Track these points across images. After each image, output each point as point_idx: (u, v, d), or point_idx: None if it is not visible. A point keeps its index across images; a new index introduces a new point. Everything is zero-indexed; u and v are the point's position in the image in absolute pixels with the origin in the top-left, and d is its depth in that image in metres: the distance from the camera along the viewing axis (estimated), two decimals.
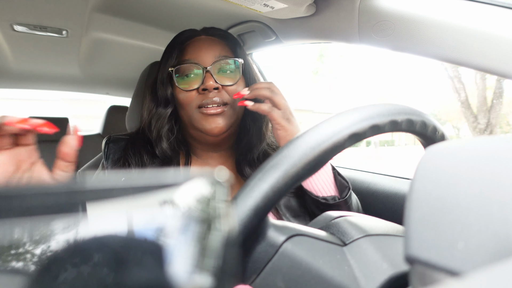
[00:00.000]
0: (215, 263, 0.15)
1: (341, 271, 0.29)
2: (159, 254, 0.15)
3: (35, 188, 0.14)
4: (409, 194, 0.21)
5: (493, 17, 0.54)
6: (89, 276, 0.14)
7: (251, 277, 0.30)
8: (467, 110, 7.31)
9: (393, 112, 0.32)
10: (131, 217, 0.15)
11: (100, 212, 0.15)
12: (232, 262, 0.16)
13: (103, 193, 0.15)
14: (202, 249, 0.15)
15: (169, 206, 0.16)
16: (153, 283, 0.14)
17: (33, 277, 0.13)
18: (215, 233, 0.15)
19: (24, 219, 0.14)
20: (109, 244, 0.14)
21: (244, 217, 0.28)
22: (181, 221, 0.15)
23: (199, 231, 0.15)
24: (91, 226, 0.14)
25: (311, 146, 0.30)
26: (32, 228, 0.14)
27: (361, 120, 0.31)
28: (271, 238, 0.30)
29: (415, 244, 0.19)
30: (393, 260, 0.30)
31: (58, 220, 0.14)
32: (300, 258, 0.29)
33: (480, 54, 0.55)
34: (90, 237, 0.14)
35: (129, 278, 0.14)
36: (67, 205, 0.14)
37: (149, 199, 0.16)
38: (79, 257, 0.14)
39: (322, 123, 0.32)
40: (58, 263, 0.14)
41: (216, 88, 0.65)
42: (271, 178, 0.29)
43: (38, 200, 0.14)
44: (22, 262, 0.13)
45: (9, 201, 0.13)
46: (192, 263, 0.15)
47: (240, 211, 0.28)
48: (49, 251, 0.14)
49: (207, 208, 0.16)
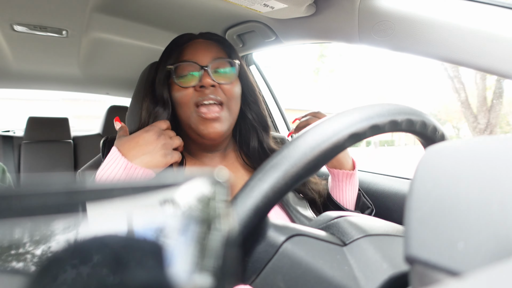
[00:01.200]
0: (215, 263, 0.15)
1: (341, 271, 0.29)
2: (159, 254, 0.15)
3: (35, 188, 0.14)
4: (409, 194, 0.21)
5: (493, 17, 0.54)
6: (89, 277, 0.14)
7: (251, 277, 0.30)
8: (467, 110, 7.31)
9: (393, 112, 0.33)
10: (131, 217, 0.15)
11: (100, 212, 0.15)
12: (232, 262, 0.16)
13: (103, 193, 0.15)
14: (202, 249, 0.15)
15: (169, 206, 0.16)
16: (153, 283, 0.14)
17: (33, 277, 0.13)
18: (215, 233, 0.15)
19: (24, 219, 0.14)
20: (109, 244, 0.14)
21: (244, 217, 0.28)
22: (181, 221, 0.15)
23: (199, 231, 0.15)
24: (91, 226, 0.14)
25: (311, 146, 0.30)
26: (32, 228, 0.14)
27: (361, 120, 0.31)
28: (271, 238, 0.30)
29: (415, 244, 0.19)
30: (393, 260, 0.30)
31: (58, 220, 0.14)
32: (300, 258, 0.29)
33: (480, 54, 0.55)
34: (90, 237, 0.14)
35: (129, 278, 0.14)
36: (67, 205, 0.14)
37: (149, 199, 0.16)
38: (79, 257, 0.14)
39: (322, 123, 0.32)
40: (58, 263, 0.14)
41: (213, 85, 0.68)
42: (271, 178, 0.29)
43: (38, 200, 0.14)
44: (22, 262, 0.13)
45: (9, 201, 0.13)
46: (192, 263, 0.15)
47: (240, 211, 0.28)
48: (49, 252, 0.14)
49: (207, 208, 0.16)
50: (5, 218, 0.13)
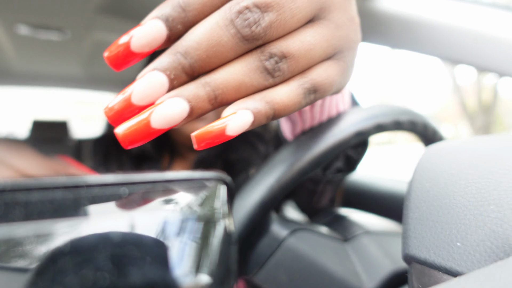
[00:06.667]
0: (215, 263, 0.15)
1: (343, 266, 0.30)
2: (159, 253, 0.15)
3: (35, 187, 0.14)
4: (407, 194, 0.21)
5: (493, 17, 0.54)
6: (89, 276, 0.14)
7: (254, 270, 0.30)
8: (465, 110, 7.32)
9: (397, 112, 0.34)
10: (131, 216, 0.15)
11: (100, 211, 0.15)
12: (232, 262, 0.16)
13: (103, 192, 0.15)
14: (202, 249, 0.15)
15: (169, 206, 0.16)
16: (153, 283, 0.14)
17: (33, 277, 0.14)
18: (215, 233, 0.16)
19: (24, 217, 0.14)
20: (109, 244, 0.14)
21: (250, 210, 0.29)
22: (181, 220, 0.15)
23: (199, 231, 0.15)
24: (91, 225, 0.14)
25: (317, 142, 0.30)
26: (32, 228, 0.14)
27: (366, 119, 0.32)
28: (275, 232, 0.31)
29: (413, 243, 0.19)
30: (394, 257, 0.30)
31: (58, 219, 0.14)
32: (303, 252, 0.30)
33: (480, 53, 0.55)
34: (90, 237, 0.14)
35: (129, 278, 0.14)
36: (67, 204, 0.14)
37: (149, 198, 0.16)
38: (79, 257, 0.14)
39: (329, 121, 0.33)
40: (57, 263, 0.14)
41: None
42: (277, 172, 0.29)
43: (38, 199, 0.14)
44: (22, 261, 0.13)
45: (10, 198, 0.13)
46: (192, 263, 0.15)
47: (246, 204, 0.29)
48: (48, 251, 0.14)
49: (207, 208, 0.16)
50: (5, 216, 0.13)
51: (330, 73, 0.20)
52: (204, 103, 0.17)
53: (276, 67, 0.17)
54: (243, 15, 0.16)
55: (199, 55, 0.16)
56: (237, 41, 0.16)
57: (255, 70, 0.17)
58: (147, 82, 0.16)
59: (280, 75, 0.18)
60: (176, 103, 0.16)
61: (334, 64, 0.20)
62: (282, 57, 0.17)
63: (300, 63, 0.18)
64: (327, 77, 0.20)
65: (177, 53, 0.16)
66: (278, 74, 0.18)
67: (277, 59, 0.17)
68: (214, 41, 0.16)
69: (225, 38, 0.16)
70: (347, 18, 0.20)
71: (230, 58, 0.17)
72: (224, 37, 0.16)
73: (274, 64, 0.17)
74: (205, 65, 0.17)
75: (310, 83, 0.19)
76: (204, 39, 0.16)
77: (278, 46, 0.17)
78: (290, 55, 0.17)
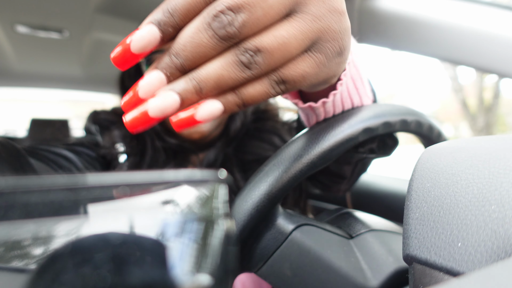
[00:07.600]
0: (215, 263, 0.15)
1: (348, 262, 0.30)
2: (159, 253, 0.15)
3: (35, 186, 0.14)
4: (408, 194, 0.21)
5: (493, 17, 0.54)
6: (89, 276, 0.14)
7: (258, 264, 0.30)
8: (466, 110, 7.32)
9: (404, 112, 0.35)
10: (131, 216, 0.15)
11: (100, 211, 0.15)
12: (232, 261, 0.16)
13: (103, 192, 0.15)
14: (202, 249, 0.15)
15: (169, 206, 0.16)
16: (153, 282, 0.14)
17: (33, 277, 0.13)
18: (215, 233, 0.16)
19: (24, 218, 0.14)
20: (109, 244, 0.14)
21: (258, 201, 0.29)
22: (181, 220, 0.15)
23: (199, 231, 0.15)
24: (91, 225, 0.14)
25: (326, 137, 0.31)
26: (32, 227, 0.14)
27: (375, 117, 0.33)
28: (281, 226, 0.31)
29: (413, 244, 0.19)
30: (399, 255, 0.31)
31: (58, 219, 0.14)
32: (308, 247, 0.30)
33: (480, 54, 0.55)
34: (90, 237, 0.14)
35: (129, 278, 0.14)
36: (68, 203, 0.14)
37: (149, 198, 0.16)
38: (79, 257, 0.14)
39: (339, 116, 0.33)
40: (58, 262, 0.14)
41: None
42: (285, 165, 0.30)
43: (38, 198, 0.14)
44: (22, 261, 0.13)
45: (10, 198, 0.13)
46: (192, 262, 0.15)
47: (254, 196, 0.29)
48: (48, 251, 0.14)
49: (207, 207, 0.16)
50: (5, 216, 0.13)
51: (300, 66, 0.21)
52: (192, 95, 0.20)
53: (252, 60, 0.20)
54: (218, 18, 0.18)
55: (186, 55, 0.19)
56: (216, 41, 0.19)
57: (232, 64, 0.20)
58: (150, 79, 0.20)
59: (257, 68, 0.20)
60: (168, 96, 0.19)
61: (307, 57, 0.22)
62: (256, 51, 0.19)
63: (275, 55, 0.20)
64: (296, 69, 0.21)
65: (171, 54, 0.20)
66: (254, 66, 0.20)
67: (252, 53, 0.19)
68: (196, 43, 0.19)
69: (205, 39, 0.19)
70: (327, 9, 0.21)
71: (212, 55, 0.20)
72: (204, 39, 0.19)
73: (249, 58, 0.19)
74: (192, 63, 0.20)
75: (278, 75, 0.21)
76: (188, 41, 0.19)
77: (252, 41, 0.19)
78: (264, 49, 0.19)
